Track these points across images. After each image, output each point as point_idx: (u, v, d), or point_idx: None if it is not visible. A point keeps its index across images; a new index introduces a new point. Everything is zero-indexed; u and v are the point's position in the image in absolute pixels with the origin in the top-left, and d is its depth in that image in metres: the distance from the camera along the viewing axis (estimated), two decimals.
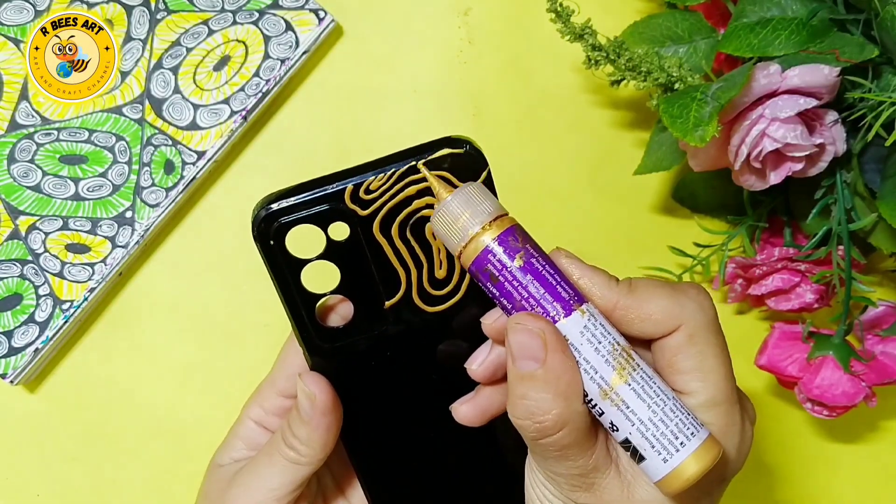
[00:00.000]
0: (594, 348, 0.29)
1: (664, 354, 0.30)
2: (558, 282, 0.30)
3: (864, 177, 0.43)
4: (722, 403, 0.30)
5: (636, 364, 0.29)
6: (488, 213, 0.30)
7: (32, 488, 0.50)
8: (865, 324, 0.46)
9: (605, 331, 0.29)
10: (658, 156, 0.46)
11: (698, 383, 0.30)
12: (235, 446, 0.37)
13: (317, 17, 0.48)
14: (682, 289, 0.31)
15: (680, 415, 0.29)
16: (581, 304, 0.29)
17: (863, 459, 0.52)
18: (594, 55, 0.41)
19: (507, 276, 0.29)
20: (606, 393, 0.29)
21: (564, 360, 0.28)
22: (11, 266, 0.47)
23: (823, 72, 0.38)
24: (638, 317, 0.30)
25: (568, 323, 0.29)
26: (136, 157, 0.48)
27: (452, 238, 0.30)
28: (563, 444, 0.29)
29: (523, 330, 0.29)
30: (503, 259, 0.29)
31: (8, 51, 0.48)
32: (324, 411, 0.33)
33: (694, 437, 0.29)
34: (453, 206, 0.30)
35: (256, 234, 0.31)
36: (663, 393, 0.29)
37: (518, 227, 0.30)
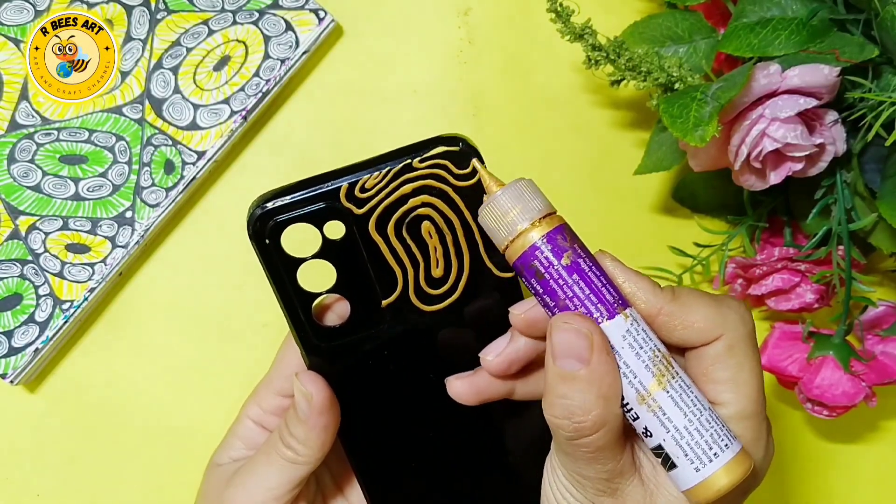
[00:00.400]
0: (635, 353, 0.29)
1: (701, 363, 0.30)
2: (604, 284, 0.29)
3: (864, 177, 0.43)
4: (752, 417, 0.30)
5: (675, 372, 0.29)
6: (538, 209, 0.30)
7: (32, 488, 0.50)
8: (865, 324, 0.46)
9: (647, 336, 0.29)
10: (658, 156, 0.46)
11: (731, 394, 0.30)
12: (234, 446, 0.37)
13: (317, 17, 0.48)
14: (725, 300, 0.31)
15: (716, 426, 0.29)
16: (625, 308, 0.29)
17: (863, 459, 0.52)
18: (594, 55, 0.41)
19: (553, 274, 0.29)
20: (644, 398, 0.29)
21: (608, 362, 0.29)
22: (11, 266, 0.47)
23: (823, 72, 0.38)
24: (681, 324, 0.30)
25: (611, 326, 0.29)
26: (136, 157, 0.48)
27: (501, 232, 0.30)
28: (598, 445, 0.29)
29: (570, 329, 0.29)
30: (550, 257, 0.29)
31: (8, 51, 0.48)
32: (321, 410, 0.33)
33: (728, 448, 0.29)
34: (503, 200, 0.30)
35: (252, 232, 0.31)
36: (700, 403, 0.29)
37: (567, 227, 0.30)
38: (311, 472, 0.34)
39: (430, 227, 0.32)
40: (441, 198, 0.32)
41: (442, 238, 0.32)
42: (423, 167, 0.31)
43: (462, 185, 0.32)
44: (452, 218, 0.32)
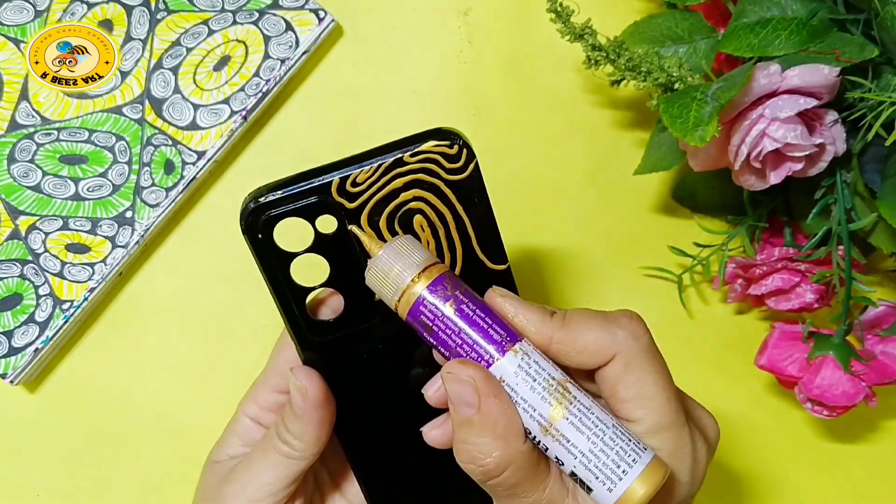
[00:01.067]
0: (529, 387, 0.29)
1: (605, 384, 0.31)
2: (490, 324, 0.30)
3: (864, 177, 0.43)
4: (668, 428, 0.30)
5: (573, 397, 0.30)
6: (417, 264, 0.31)
7: (32, 488, 0.50)
8: (865, 324, 0.46)
9: (539, 368, 0.30)
10: (658, 156, 0.46)
11: (641, 410, 0.30)
12: (231, 443, 0.37)
13: (317, 17, 0.48)
14: (614, 318, 0.31)
15: (620, 442, 0.29)
16: (514, 343, 0.30)
17: (863, 459, 0.52)
18: (594, 55, 0.41)
19: (440, 325, 0.30)
20: (546, 429, 0.29)
21: (498, 404, 0.29)
22: (11, 266, 0.47)
23: (823, 72, 0.38)
24: (574, 350, 0.30)
25: (503, 364, 0.30)
26: (136, 157, 0.48)
27: (387, 291, 0.31)
28: (510, 483, 0.29)
29: (454, 378, 0.29)
30: (435, 308, 0.30)
31: (8, 51, 0.48)
32: (316, 405, 0.33)
33: (636, 462, 0.29)
34: (384, 259, 0.31)
35: (244, 227, 0.31)
36: (601, 423, 0.29)
37: (448, 275, 0.31)
38: (307, 467, 0.34)
39: (422, 221, 0.32)
40: (433, 192, 0.32)
41: (434, 232, 0.32)
42: (414, 161, 0.31)
43: (454, 179, 0.32)
44: (444, 211, 0.32)
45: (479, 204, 0.32)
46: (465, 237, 0.33)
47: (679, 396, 0.31)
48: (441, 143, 0.31)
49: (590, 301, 0.51)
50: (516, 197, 0.51)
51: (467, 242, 0.33)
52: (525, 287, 0.50)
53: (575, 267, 0.51)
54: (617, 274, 0.51)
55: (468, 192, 0.32)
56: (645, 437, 0.30)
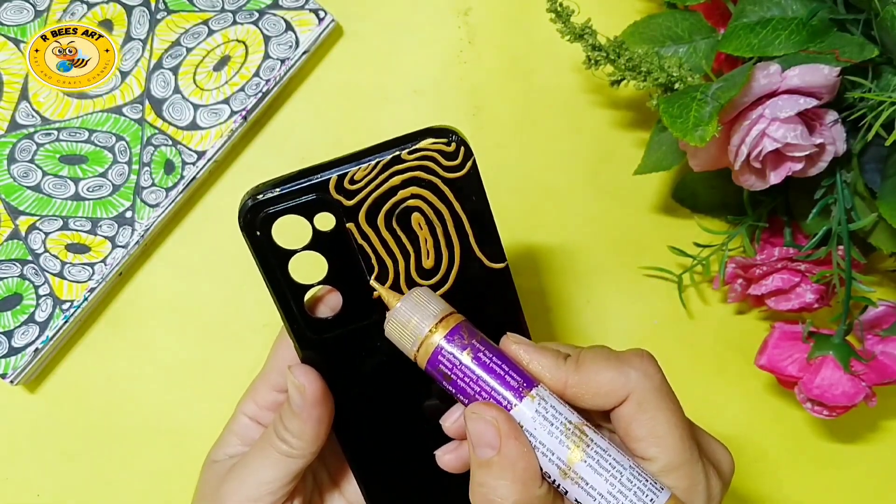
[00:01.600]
0: (547, 431, 0.30)
1: (620, 424, 0.31)
2: (507, 371, 0.31)
3: (864, 177, 0.43)
4: (681, 466, 0.31)
5: (590, 440, 0.30)
6: (434, 314, 0.31)
7: (32, 488, 0.50)
8: (865, 324, 0.46)
9: (556, 412, 0.30)
10: (658, 156, 0.46)
11: (655, 449, 0.31)
12: (230, 442, 0.37)
13: (317, 17, 0.48)
14: (626, 358, 0.31)
15: (637, 483, 0.30)
16: (531, 388, 0.31)
17: (863, 459, 0.52)
18: (594, 55, 0.41)
19: (458, 374, 0.31)
20: (566, 472, 0.30)
21: (519, 447, 0.29)
22: (11, 266, 0.47)
23: (823, 72, 0.38)
24: (588, 392, 0.31)
25: (521, 409, 0.30)
26: (136, 157, 0.48)
27: (406, 342, 0.31)
28: None
29: (478, 419, 0.30)
30: (452, 357, 0.31)
31: (8, 51, 0.48)
32: (314, 403, 0.33)
33: (654, 502, 0.30)
34: (402, 311, 0.31)
35: (242, 224, 0.32)
36: (619, 464, 0.30)
37: (464, 324, 0.31)
38: (306, 465, 0.34)
39: (420, 219, 0.32)
40: (430, 189, 0.32)
41: (432, 229, 0.32)
42: (411, 159, 0.31)
43: (452, 177, 0.32)
44: (442, 209, 0.32)
45: (476, 202, 0.32)
46: (462, 235, 0.33)
47: (692, 432, 0.32)
48: (438, 141, 0.31)
49: (589, 301, 0.51)
50: (516, 197, 0.51)
51: (465, 240, 0.33)
52: (525, 287, 0.50)
53: (575, 267, 0.51)
54: (617, 274, 0.51)
55: (466, 189, 0.32)
56: (659, 476, 0.31)
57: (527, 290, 0.50)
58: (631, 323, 0.51)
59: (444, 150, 0.31)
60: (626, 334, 0.51)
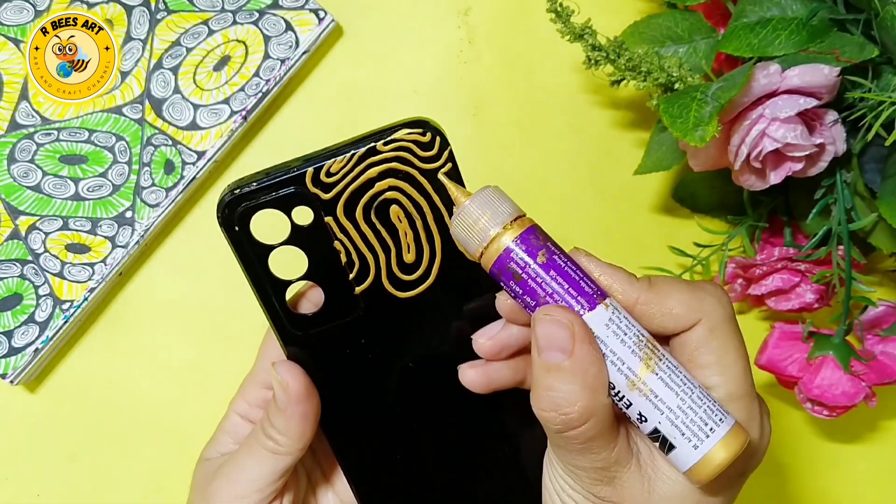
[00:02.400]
0: (620, 340, 0.29)
1: (684, 350, 0.30)
2: (581, 277, 0.30)
3: (864, 177, 0.43)
4: (742, 398, 0.30)
5: (661, 354, 0.29)
6: (508, 213, 0.30)
7: (32, 488, 0.50)
8: (865, 324, 0.46)
9: (629, 323, 0.29)
10: (658, 156, 0.46)
11: (718, 377, 0.30)
12: (222, 440, 0.37)
13: (317, 17, 0.48)
14: (701, 285, 0.31)
15: (707, 402, 0.29)
16: (604, 298, 0.30)
17: (863, 459, 0.52)
18: (594, 55, 0.41)
19: (531, 273, 0.29)
20: (634, 383, 0.29)
21: (592, 352, 0.28)
22: (11, 266, 0.47)
23: (823, 72, 0.38)
24: (659, 311, 0.30)
25: (593, 317, 0.29)
26: (136, 157, 0.48)
27: (473, 240, 0.30)
28: (588, 436, 0.29)
29: (552, 321, 0.29)
30: (525, 257, 0.29)
31: (8, 51, 0.48)
32: (298, 399, 0.33)
33: (722, 422, 0.29)
34: (472, 209, 0.30)
35: (220, 219, 0.31)
36: (689, 382, 0.29)
37: (537, 227, 0.30)
38: (293, 462, 0.34)
39: (398, 212, 0.32)
40: (408, 181, 0.32)
41: (412, 222, 0.32)
42: (387, 150, 0.31)
43: (428, 168, 0.32)
44: (421, 202, 0.32)
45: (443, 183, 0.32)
46: (443, 228, 0.32)
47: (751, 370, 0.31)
48: (413, 131, 0.31)
49: None
50: (516, 197, 0.51)
51: (446, 233, 0.33)
52: None
53: None
54: None
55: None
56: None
57: None
58: None
59: (420, 140, 0.31)
60: None
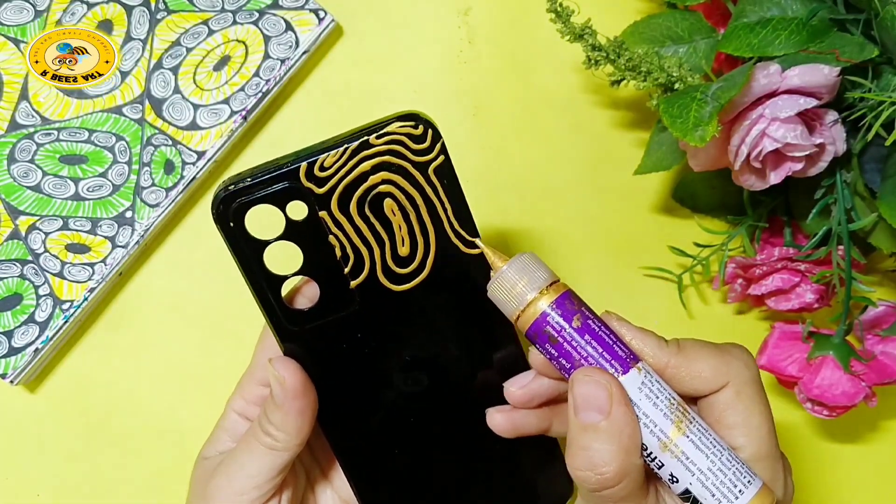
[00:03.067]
0: (652, 403, 0.30)
1: (712, 410, 0.32)
2: (614, 341, 0.31)
3: (864, 177, 0.43)
4: (766, 458, 0.31)
5: (692, 417, 0.30)
6: (544, 279, 0.31)
7: (32, 488, 0.50)
8: (865, 324, 0.46)
9: (661, 387, 0.31)
10: (658, 156, 0.46)
11: (744, 438, 0.31)
12: (220, 439, 0.37)
13: (317, 17, 0.48)
14: (727, 349, 0.32)
15: (736, 464, 0.30)
16: (637, 362, 0.31)
17: (863, 459, 0.52)
18: (594, 55, 0.41)
19: (566, 337, 0.31)
20: (666, 445, 0.30)
21: (628, 413, 0.30)
22: (11, 266, 0.47)
23: (823, 72, 0.38)
24: (688, 374, 0.31)
25: (627, 379, 0.30)
26: (136, 157, 0.48)
27: (511, 304, 0.31)
28: (621, 495, 0.30)
29: (591, 381, 0.30)
30: (560, 321, 0.31)
31: (8, 51, 0.48)
32: (294, 394, 0.33)
33: (751, 484, 0.30)
34: (510, 274, 0.31)
35: (215, 215, 0.32)
36: (719, 444, 0.30)
37: (572, 292, 0.32)
38: (291, 458, 0.34)
39: (392, 205, 0.32)
40: (401, 174, 0.32)
41: (406, 215, 0.32)
42: (380, 143, 0.31)
43: (421, 161, 0.32)
44: (414, 195, 0.32)
45: (448, 185, 0.32)
46: (437, 221, 0.33)
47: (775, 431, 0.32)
48: (406, 124, 0.31)
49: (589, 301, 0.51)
50: (516, 197, 0.51)
51: (440, 226, 0.33)
52: None
53: (575, 267, 0.51)
54: (617, 274, 0.51)
55: (437, 173, 0.32)
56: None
57: None
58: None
59: (413, 133, 0.31)
60: None
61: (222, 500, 0.34)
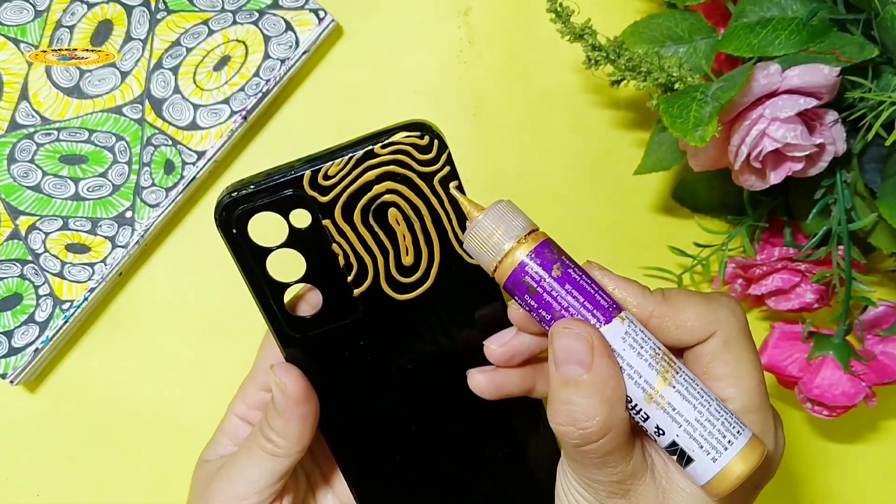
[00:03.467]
0: (636, 353, 0.29)
1: (699, 361, 0.30)
2: (596, 290, 0.30)
3: (864, 177, 0.43)
4: (757, 409, 0.30)
5: (678, 367, 0.29)
6: (521, 227, 0.30)
7: (32, 488, 0.50)
8: (865, 324, 0.46)
9: (645, 336, 0.29)
10: (658, 156, 0.46)
11: (733, 389, 0.30)
12: (221, 442, 0.37)
13: (317, 17, 0.48)
14: (715, 297, 0.31)
15: (725, 414, 0.29)
16: (619, 311, 0.30)
17: (863, 459, 0.52)
18: (594, 55, 0.41)
19: (546, 287, 0.29)
20: (651, 396, 0.29)
21: (610, 365, 0.29)
22: (11, 266, 0.47)
23: (823, 72, 0.38)
24: (674, 324, 0.30)
25: (609, 330, 0.29)
26: (136, 157, 0.48)
27: (487, 254, 0.30)
28: (606, 450, 0.29)
29: (571, 335, 0.29)
30: (539, 271, 0.29)
31: (8, 51, 0.48)
32: (296, 401, 0.33)
33: (740, 435, 0.29)
34: (486, 223, 0.30)
35: (219, 222, 0.32)
36: (706, 394, 0.29)
37: (551, 241, 0.30)
38: (292, 465, 0.34)
39: (396, 215, 0.32)
40: (406, 184, 0.32)
41: (410, 225, 0.32)
42: (385, 153, 0.31)
43: (426, 171, 0.32)
44: (419, 204, 0.32)
45: (454, 196, 0.32)
46: (441, 231, 0.33)
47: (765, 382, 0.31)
48: (412, 134, 0.31)
49: None
50: (516, 197, 0.51)
51: (444, 236, 0.33)
52: None
53: None
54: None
55: (442, 183, 0.32)
56: None
57: None
58: None
59: (418, 143, 0.31)
60: None
61: (223, 503, 0.34)
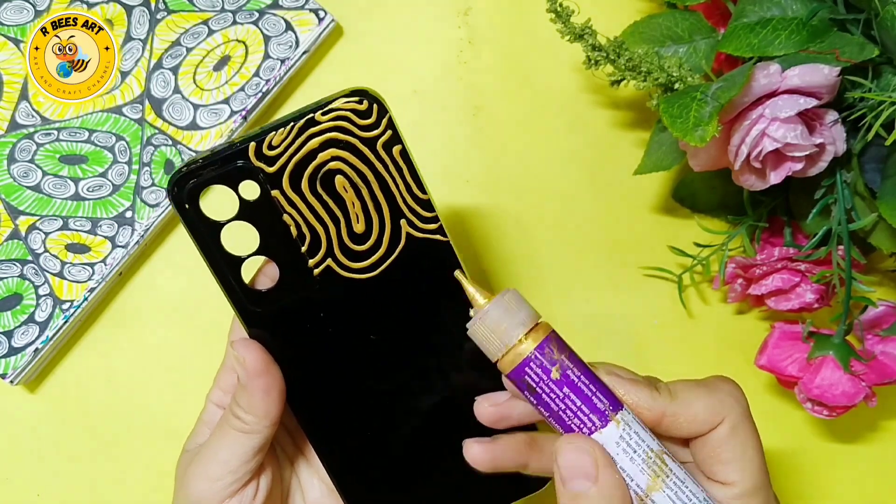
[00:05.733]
0: (629, 458, 0.30)
1: (706, 446, 0.32)
2: (594, 392, 0.30)
3: (864, 177, 0.43)
4: (759, 490, 0.32)
5: (669, 469, 0.30)
6: (525, 322, 0.31)
7: (32, 488, 0.50)
8: (865, 324, 0.46)
9: (639, 439, 0.30)
10: (658, 156, 0.46)
11: (738, 473, 0.31)
12: (201, 431, 0.38)
13: (317, 17, 0.48)
14: (716, 384, 0.33)
15: None
16: (616, 412, 0.30)
17: (863, 459, 0.52)
18: (594, 55, 0.41)
19: (545, 388, 0.30)
20: (643, 499, 0.30)
21: (615, 476, 0.30)
22: (11, 266, 0.47)
23: (823, 72, 0.38)
24: (686, 420, 0.32)
25: (605, 434, 0.30)
26: (136, 157, 0.48)
27: (492, 346, 0.31)
28: None
29: (573, 449, 0.30)
30: (540, 372, 0.30)
31: (8, 51, 0.48)
32: (256, 373, 0.33)
33: None
34: (493, 314, 0.31)
35: (171, 198, 0.32)
36: (695, 495, 0.30)
37: (554, 335, 0.31)
38: (264, 441, 0.34)
39: (343, 182, 0.32)
40: (350, 150, 0.32)
41: (358, 192, 0.32)
42: (326, 120, 0.31)
43: (369, 136, 0.32)
44: (365, 171, 0.32)
45: (399, 160, 0.32)
46: (389, 197, 0.33)
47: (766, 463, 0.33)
48: (350, 100, 0.31)
49: (589, 301, 0.51)
50: (516, 197, 0.51)
51: (393, 202, 0.33)
52: (525, 288, 0.50)
53: (575, 267, 0.51)
54: (617, 274, 0.51)
55: (385, 148, 0.32)
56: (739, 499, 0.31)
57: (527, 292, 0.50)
58: (631, 323, 0.51)
59: (357, 108, 0.31)
60: (626, 334, 0.51)
61: (198, 486, 0.34)
